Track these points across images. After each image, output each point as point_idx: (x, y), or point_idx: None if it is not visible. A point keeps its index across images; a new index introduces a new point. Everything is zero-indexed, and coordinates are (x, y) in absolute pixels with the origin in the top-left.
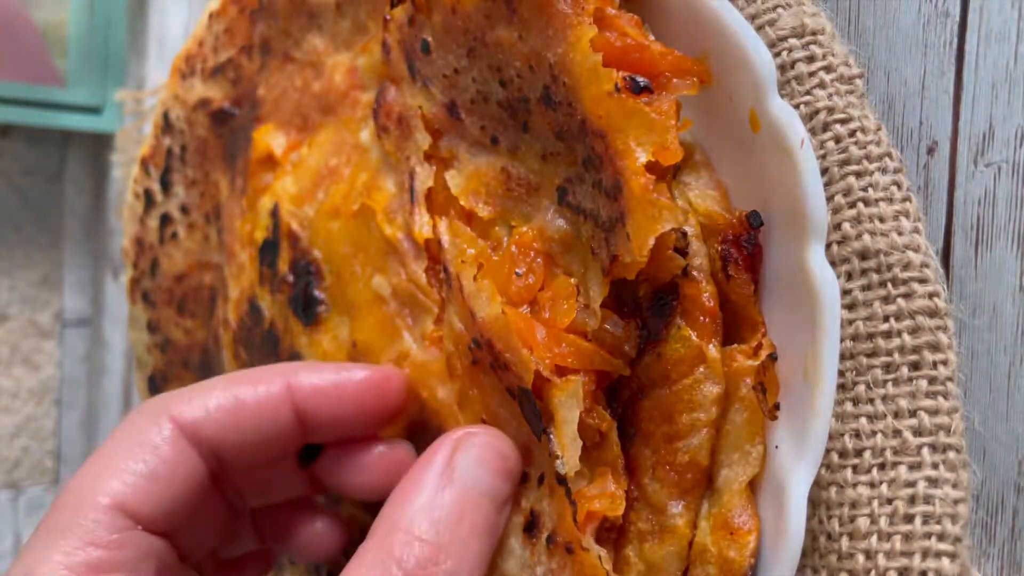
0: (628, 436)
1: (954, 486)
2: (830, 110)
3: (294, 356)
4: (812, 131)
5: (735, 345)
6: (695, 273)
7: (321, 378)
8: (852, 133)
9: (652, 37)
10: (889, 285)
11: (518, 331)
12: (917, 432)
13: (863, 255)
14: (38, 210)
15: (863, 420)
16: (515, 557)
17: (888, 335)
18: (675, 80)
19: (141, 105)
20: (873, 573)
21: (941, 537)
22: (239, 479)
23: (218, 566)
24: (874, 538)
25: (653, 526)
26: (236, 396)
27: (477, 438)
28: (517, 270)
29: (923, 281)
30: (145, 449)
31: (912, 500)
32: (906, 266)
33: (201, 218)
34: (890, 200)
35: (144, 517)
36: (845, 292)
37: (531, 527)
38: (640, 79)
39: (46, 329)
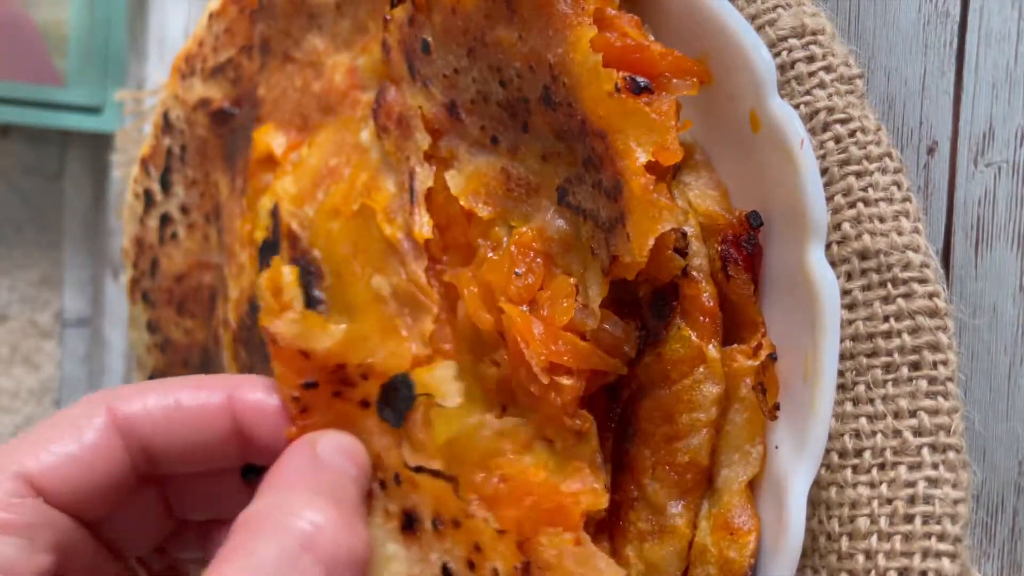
0: (628, 436)
1: (954, 486)
2: (830, 110)
3: None
4: (812, 131)
5: (735, 345)
6: (695, 273)
7: (266, 396)
8: (852, 133)
9: (652, 37)
10: (889, 285)
11: (519, 330)
12: (917, 432)
13: (863, 255)
14: (38, 210)
15: (863, 420)
16: (399, 560)
17: (888, 335)
18: (675, 80)
19: (141, 105)
20: (873, 573)
21: (941, 537)
22: (181, 487)
23: (166, 560)
24: (874, 538)
25: (653, 526)
26: (176, 399)
27: (331, 434)
28: (517, 270)
29: (923, 281)
30: (73, 432)
31: (912, 500)
32: (906, 266)
33: (201, 218)
34: (890, 200)
35: (53, 493)
36: (845, 292)
37: (409, 524)
38: (640, 79)
39: (46, 329)
